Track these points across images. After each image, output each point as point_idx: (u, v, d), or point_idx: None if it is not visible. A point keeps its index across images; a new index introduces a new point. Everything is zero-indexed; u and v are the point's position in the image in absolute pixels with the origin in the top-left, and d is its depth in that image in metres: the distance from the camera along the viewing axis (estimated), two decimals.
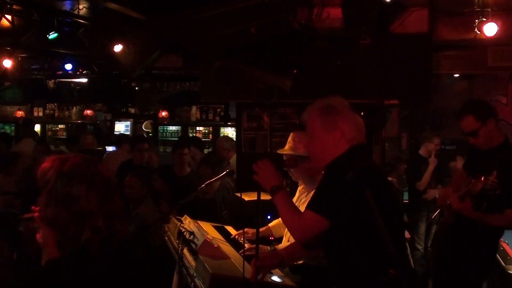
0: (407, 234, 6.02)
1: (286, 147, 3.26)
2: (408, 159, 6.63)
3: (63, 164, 1.76)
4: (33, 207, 1.90)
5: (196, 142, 7.86)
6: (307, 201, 3.16)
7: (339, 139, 2.33)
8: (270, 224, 3.69)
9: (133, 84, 9.81)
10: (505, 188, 3.38)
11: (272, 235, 3.64)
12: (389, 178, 6.15)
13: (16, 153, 6.79)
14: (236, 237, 3.60)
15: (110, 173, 1.86)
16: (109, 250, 1.75)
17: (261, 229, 3.34)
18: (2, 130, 10.93)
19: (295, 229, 2.37)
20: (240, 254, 3.31)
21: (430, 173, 6.40)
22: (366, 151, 2.79)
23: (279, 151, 3.34)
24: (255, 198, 2.67)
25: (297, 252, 2.68)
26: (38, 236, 1.90)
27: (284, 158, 3.26)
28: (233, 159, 6.31)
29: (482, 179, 3.40)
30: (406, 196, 6.76)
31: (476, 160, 3.73)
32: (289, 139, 3.28)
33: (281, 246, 3.44)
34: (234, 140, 6.86)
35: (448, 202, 3.78)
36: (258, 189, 2.59)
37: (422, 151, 6.61)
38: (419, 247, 6.49)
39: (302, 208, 2.77)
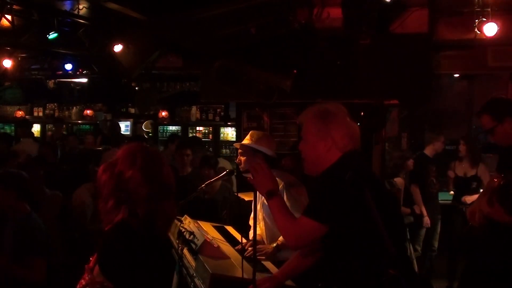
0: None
1: (245, 141, 3.74)
2: (414, 159, 6.53)
3: (143, 151, 1.94)
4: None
5: (196, 142, 7.85)
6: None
7: (329, 147, 2.31)
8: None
9: (133, 84, 9.78)
10: None
11: None
12: (397, 179, 6.10)
13: (16, 151, 6.76)
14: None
15: (173, 179, 2.00)
16: (150, 232, 1.90)
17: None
18: (2, 130, 10.90)
19: (290, 235, 2.35)
20: (236, 249, 3.32)
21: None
22: (364, 154, 2.79)
23: (235, 144, 3.87)
24: None
25: (292, 272, 2.69)
26: None
27: (240, 150, 3.73)
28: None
29: (502, 176, 3.40)
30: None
31: (502, 159, 3.72)
32: (248, 136, 3.78)
33: (282, 239, 3.45)
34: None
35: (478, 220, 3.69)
36: (255, 189, 2.59)
37: (428, 151, 6.52)
38: (418, 248, 6.47)
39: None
